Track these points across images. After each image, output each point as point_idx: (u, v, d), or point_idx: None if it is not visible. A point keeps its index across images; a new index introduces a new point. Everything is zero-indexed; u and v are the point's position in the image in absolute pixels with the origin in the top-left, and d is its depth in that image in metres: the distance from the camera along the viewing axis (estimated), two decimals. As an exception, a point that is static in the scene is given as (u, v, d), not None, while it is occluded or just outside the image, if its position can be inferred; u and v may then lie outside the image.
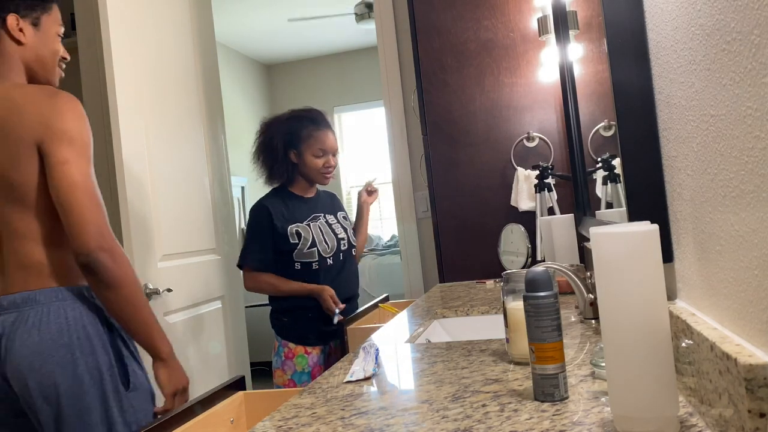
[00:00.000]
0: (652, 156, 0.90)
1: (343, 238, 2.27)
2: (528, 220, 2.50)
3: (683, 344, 0.77)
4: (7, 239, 1.35)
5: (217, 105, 2.88)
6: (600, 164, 1.52)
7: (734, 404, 0.60)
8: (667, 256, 0.89)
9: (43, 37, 1.39)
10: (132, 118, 2.26)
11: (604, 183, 1.47)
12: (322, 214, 2.28)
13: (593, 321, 1.39)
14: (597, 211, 1.60)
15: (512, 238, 2.44)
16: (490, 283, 2.30)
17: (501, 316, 1.72)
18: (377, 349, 1.31)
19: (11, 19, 1.35)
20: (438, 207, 2.68)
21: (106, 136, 2.82)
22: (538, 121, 2.59)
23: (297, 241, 2.17)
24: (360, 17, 5.35)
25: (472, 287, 2.28)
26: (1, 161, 1.31)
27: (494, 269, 2.49)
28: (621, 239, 0.71)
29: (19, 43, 1.36)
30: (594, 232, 0.73)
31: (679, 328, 0.78)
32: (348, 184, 7.08)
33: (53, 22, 1.41)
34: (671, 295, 0.90)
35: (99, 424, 1.33)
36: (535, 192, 2.48)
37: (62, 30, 1.44)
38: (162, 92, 2.47)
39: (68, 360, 1.30)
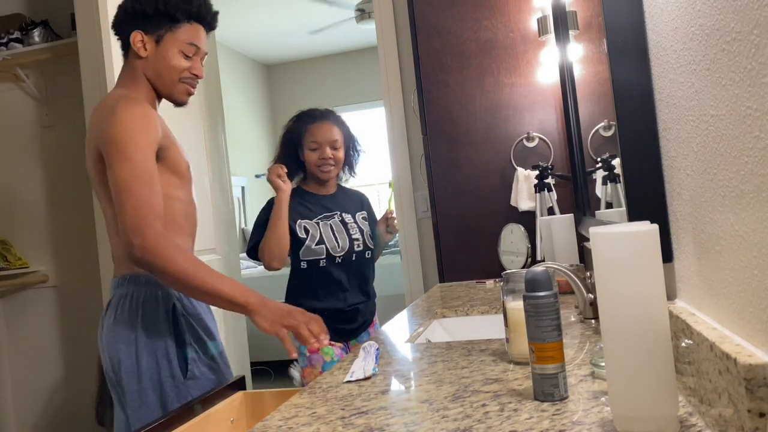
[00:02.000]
0: (652, 156, 0.90)
1: (357, 239, 2.21)
2: (528, 220, 2.50)
3: (683, 344, 0.77)
4: (107, 231, 1.55)
5: (217, 105, 2.88)
6: (600, 164, 1.52)
7: (734, 404, 0.60)
8: (667, 256, 0.89)
9: (162, 53, 1.51)
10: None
11: (604, 183, 1.47)
12: (338, 213, 2.23)
13: (593, 321, 1.39)
14: (597, 211, 1.60)
15: (512, 238, 2.44)
16: (490, 283, 2.30)
17: (501, 316, 1.72)
18: (377, 349, 1.31)
19: (135, 35, 1.50)
20: (438, 207, 2.68)
21: (106, 136, 2.82)
22: (538, 121, 2.59)
23: (305, 236, 2.14)
24: (360, 17, 5.35)
25: (472, 287, 2.28)
26: (88, 163, 1.50)
27: (494, 269, 2.49)
28: (621, 239, 0.71)
29: (139, 57, 1.51)
30: (594, 232, 0.73)
31: (679, 327, 0.78)
32: (348, 184, 7.08)
33: (176, 40, 1.51)
34: (671, 295, 0.90)
35: (155, 408, 1.40)
36: (535, 192, 2.48)
37: (191, 49, 1.53)
38: (162, 92, 2.47)
39: (131, 341, 1.42)
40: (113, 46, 2.18)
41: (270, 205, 2.16)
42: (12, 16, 3.25)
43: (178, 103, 1.58)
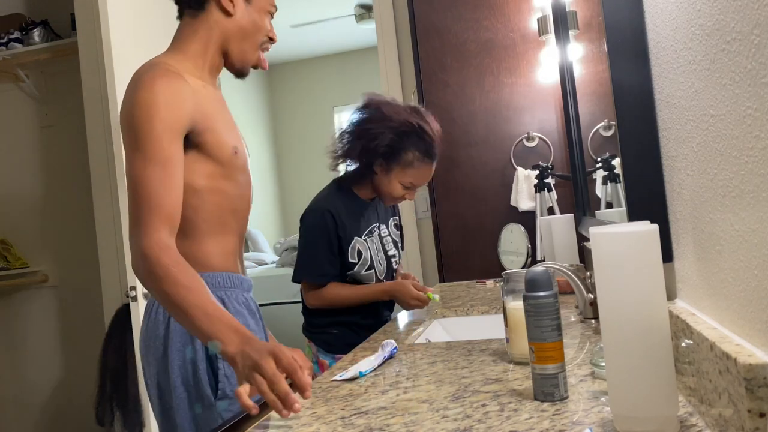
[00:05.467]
0: (652, 156, 0.90)
1: (393, 256, 1.96)
2: (528, 220, 2.50)
3: (683, 344, 0.77)
4: None
5: (217, 105, 2.88)
6: (600, 164, 1.52)
7: (734, 404, 0.60)
8: (667, 255, 0.89)
9: (252, 12, 1.33)
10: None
11: (604, 183, 1.47)
12: (377, 225, 1.93)
13: (593, 321, 1.39)
14: (597, 211, 1.60)
15: (512, 238, 2.44)
16: (490, 283, 2.30)
17: (501, 316, 1.72)
18: (395, 349, 1.30)
19: None
20: (438, 207, 2.68)
21: (106, 137, 2.82)
22: (538, 121, 2.59)
23: (356, 261, 1.83)
24: (360, 17, 5.35)
25: (472, 287, 2.28)
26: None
27: (494, 269, 2.49)
28: (621, 239, 0.71)
29: (227, 14, 1.31)
30: (594, 232, 0.73)
31: (679, 327, 0.78)
32: (348, 184, 7.08)
33: (266, 0, 1.36)
34: (671, 295, 0.90)
35: (186, 428, 1.22)
36: (535, 192, 2.48)
37: (275, 10, 1.37)
38: (162, 92, 2.47)
39: (161, 353, 1.25)
40: (113, 46, 2.18)
41: (323, 222, 1.81)
42: (12, 16, 3.25)
43: (244, 73, 1.38)
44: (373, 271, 1.86)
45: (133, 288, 2.16)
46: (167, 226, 1.13)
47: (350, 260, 1.82)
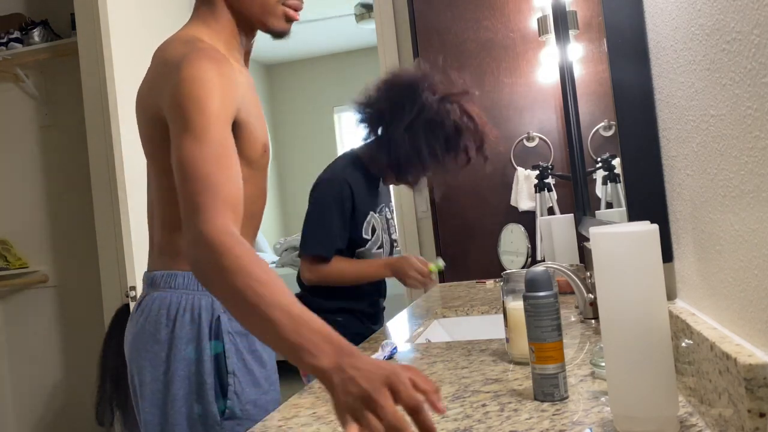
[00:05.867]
0: (652, 156, 0.90)
1: (396, 240, 1.87)
2: (528, 220, 2.50)
3: (683, 344, 0.77)
4: (150, 211, 1.22)
5: (217, 105, 2.88)
6: (600, 164, 1.52)
7: (734, 404, 0.60)
8: (667, 256, 0.89)
9: None
10: (132, 118, 2.26)
11: (604, 183, 1.47)
12: (385, 205, 1.82)
13: (593, 321, 1.39)
14: (597, 211, 1.60)
15: (512, 238, 2.44)
16: (490, 283, 2.30)
17: (501, 316, 1.72)
18: (394, 349, 1.30)
19: None
20: (438, 207, 2.67)
21: (106, 137, 2.82)
22: (538, 121, 2.59)
23: (369, 238, 1.72)
24: (360, 17, 5.35)
25: (472, 287, 2.28)
26: (140, 127, 1.19)
27: (494, 269, 2.49)
28: (621, 239, 0.71)
29: None
30: (594, 232, 0.73)
31: (679, 327, 0.78)
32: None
33: None
34: (671, 295, 0.90)
35: None
36: (535, 192, 2.48)
37: None
38: (162, 92, 2.47)
39: (162, 360, 1.11)
40: (113, 46, 2.18)
41: (340, 192, 1.66)
42: (12, 16, 3.25)
43: (278, 32, 1.18)
44: (382, 250, 1.76)
45: (133, 288, 2.16)
46: (230, 212, 0.94)
47: (364, 236, 1.69)
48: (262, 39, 1.28)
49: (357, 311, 1.77)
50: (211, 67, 1.03)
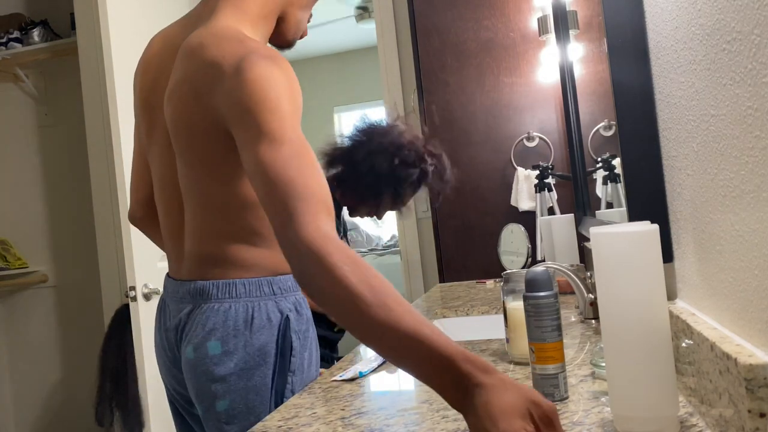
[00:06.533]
0: (652, 156, 0.90)
1: None
2: (528, 220, 2.50)
3: (683, 344, 0.77)
4: (189, 218, 1.17)
5: (217, 105, 2.88)
6: (600, 164, 1.52)
7: (734, 404, 0.60)
8: (667, 256, 0.88)
9: None
10: (132, 118, 2.26)
11: (604, 183, 1.47)
12: (344, 233, 1.96)
13: (593, 321, 1.39)
14: (597, 211, 1.60)
15: (512, 238, 2.44)
16: (490, 283, 2.30)
17: (501, 316, 1.72)
18: None
19: None
20: (438, 207, 2.67)
21: (106, 137, 2.82)
22: (538, 121, 2.59)
23: None
24: (360, 17, 5.36)
25: (472, 287, 2.28)
26: (179, 129, 1.11)
27: (494, 269, 2.49)
28: (621, 239, 0.71)
29: None
30: (594, 232, 0.73)
31: (679, 328, 0.78)
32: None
33: None
34: (671, 295, 0.90)
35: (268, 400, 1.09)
36: (535, 192, 2.48)
37: None
38: (162, 92, 2.47)
39: (215, 385, 1.07)
40: (113, 46, 2.18)
41: None
42: (11, 16, 3.25)
43: (292, 44, 1.23)
44: None
45: (133, 288, 2.16)
46: (323, 212, 0.88)
47: None
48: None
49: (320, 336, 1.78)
50: (274, 66, 0.98)
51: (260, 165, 0.92)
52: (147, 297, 2.20)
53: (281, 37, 1.19)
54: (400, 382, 1.11)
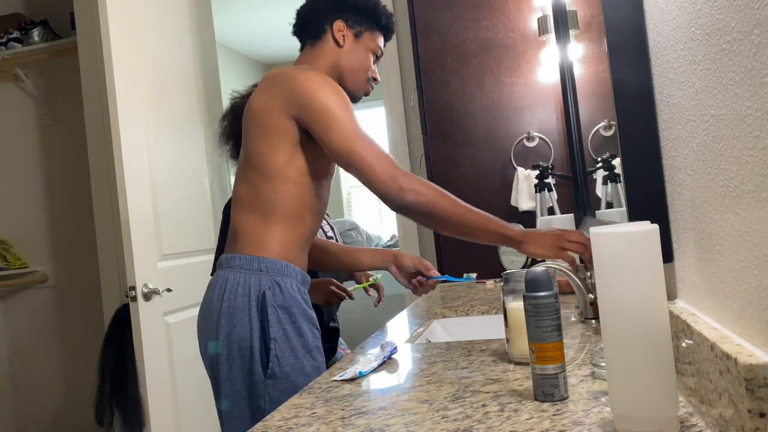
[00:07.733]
0: (652, 156, 0.90)
1: (331, 238, 2.01)
2: (528, 220, 2.50)
3: (683, 344, 0.77)
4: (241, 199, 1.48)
5: (217, 105, 2.88)
6: (600, 164, 1.52)
7: (734, 404, 0.60)
8: (667, 256, 0.88)
9: (358, 49, 1.55)
10: (132, 118, 2.26)
11: (604, 183, 1.47)
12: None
13: (593, 321, 1.39)
14: (597, 211, 1.60)
15: (512, 238, 2.44)
16: (490, 283, 2.29)
17: (501, 316, 1.72)
18: (395, 349, 1.29)
19: (338, 24, 1.53)
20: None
21: (106, 136, 2.82)
22: (538, 121, 2.59)
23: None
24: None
25: (472, 287, 2.28)
26: (258, 133, 1.45)
27: (494, 269, 2.49)
28: (621, 239, 0.71)
29: (338, 44, 1.53)
30: (594, 232, 0.73)
31: (679, 328, 0.78)
32: (348, 184, 7.08)
33: (372, 42, 1.57)
34: (671, 295, 0.90)
35: (237, 399, 1.37)
36: (535, 192, 2.48)
37: (380, 53, 1.61)
38: (162, 92, 2.47)
39: (213, 328, 1.39)
40: (113, 46, 2.18)
41: None
42: (11, 16, 3.25)
43: (356, 99, 1.59)
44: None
45: (133, 288, 2.16)
46: (392, 163, 1.34)
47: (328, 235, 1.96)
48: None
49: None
50: (339, 88, 1.41)
51: (337, 149, 1.36)
52: (147, 297, 2.20)
53: (345, 89, 1.47)
54: (400, 382, 1.11)
